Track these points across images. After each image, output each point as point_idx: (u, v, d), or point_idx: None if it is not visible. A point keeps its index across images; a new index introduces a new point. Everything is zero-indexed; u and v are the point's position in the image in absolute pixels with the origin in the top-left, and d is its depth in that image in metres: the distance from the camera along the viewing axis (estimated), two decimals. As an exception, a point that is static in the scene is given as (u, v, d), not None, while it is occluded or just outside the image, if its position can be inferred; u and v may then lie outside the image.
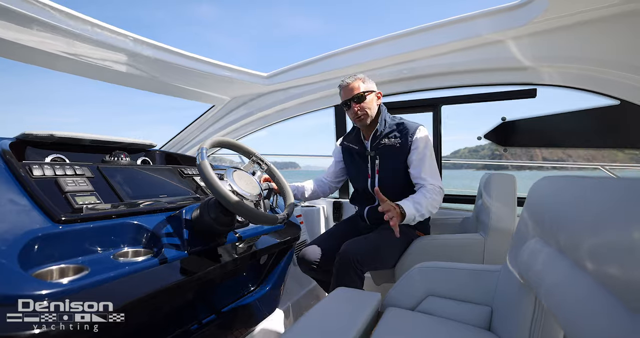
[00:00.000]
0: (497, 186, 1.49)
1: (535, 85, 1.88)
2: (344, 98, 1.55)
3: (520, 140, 1.92)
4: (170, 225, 1.02)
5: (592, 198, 0.55)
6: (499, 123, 1.97)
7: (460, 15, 1.81)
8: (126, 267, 0.80)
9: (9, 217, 0.73)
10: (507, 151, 1.99)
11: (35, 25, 1.50)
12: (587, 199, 0.56)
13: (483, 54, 1.89)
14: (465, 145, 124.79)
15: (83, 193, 0.96)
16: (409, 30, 1.99)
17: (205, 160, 0.92)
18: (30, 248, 0.71)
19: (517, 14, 1.67)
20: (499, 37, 1.76)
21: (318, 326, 0.79)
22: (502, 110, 2.10)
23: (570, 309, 0.50)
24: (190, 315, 1.14)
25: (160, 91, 2.50)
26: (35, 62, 1.85)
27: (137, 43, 1.83)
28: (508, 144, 1.95)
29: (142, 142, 1.45)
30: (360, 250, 1.37)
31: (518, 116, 1.93)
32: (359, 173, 1.67)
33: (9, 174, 0.85)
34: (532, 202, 0.79)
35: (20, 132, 1.10)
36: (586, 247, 0.52)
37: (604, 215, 0.50)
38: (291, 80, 2.45)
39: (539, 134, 1.86)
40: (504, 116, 1.96)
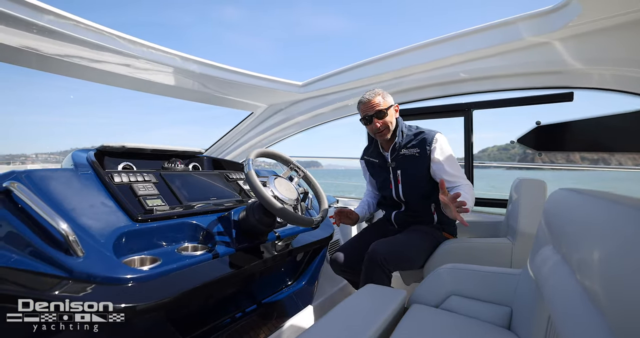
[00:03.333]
0: (526, 191, 1.51)
1: (572, 89, 1.86)
2: (364, 113, 1.62)
3: (556, 144, 1.90)
4: (221, 224, 1.18)
5: (598, 218, 0.59)
6: (533, 127, 1.96)
7: (495, 21, 1.84)
8: (187, 260, 0.96)
9: (103, 217, 0.92)
10: (542, 155, 1.98)
11: (107, 52, 1.76)
12: (593, 217, 0.61)
13: (517, 58, 1.90)
14: (495, 143, 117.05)
15: (151, 196, 1.15)
16: (442, 37, 2.04)
17: (252, 170, 1.07)
18: (119, 242, 0.89)
19: (552, 18, 1.67)
20: (536, 40, 1.76)
21: (344, 319, 0.89)
22: (531, 110, 2.07)
23: (561, 318, 0.55)
24: (235, 304, 1.30)
25: (204, 101, 2.73)
26: (103, 81, 2.15)
27: (184, 60, 2.05)
28: (543, 148, 1.94)
29: (192, 150, 1.64)
30: (388, 250, 1.45)
31: (553, 120, 1.91)
32: (383, 183, 1.75)
33: (98, 181, 1.05)
34: (548, 210, 0.85)
35: (99, 144, 1.33)
36: (584, 263, 0.57)
37: (606, 237, 0.53)
38: (325, 88, 2.58)
39: (577, 138, 1.84)
40: (538, 120, 1.95)
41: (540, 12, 1.70)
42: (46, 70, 1.94)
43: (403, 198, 1.66)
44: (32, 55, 1.68)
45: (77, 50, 1.74)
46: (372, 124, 1.61)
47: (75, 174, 1.01)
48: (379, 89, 1.64)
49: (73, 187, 0.95)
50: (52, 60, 1.77)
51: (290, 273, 1.61)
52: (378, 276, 1.42)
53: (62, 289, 0.72)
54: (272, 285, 1.50)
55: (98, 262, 0.78)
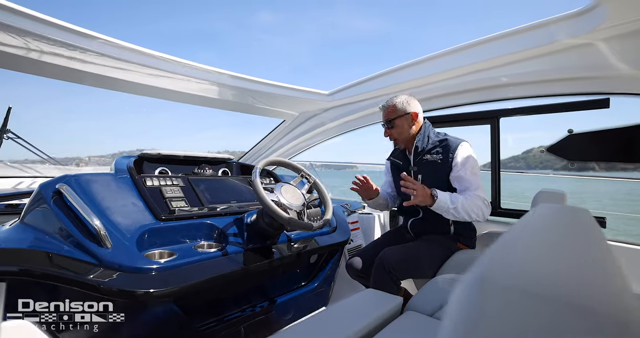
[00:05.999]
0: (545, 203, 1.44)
1: (608, 94, 1.73)
2: (383, 120, 1.70)
3: (588, 154, 1.77)
4: (235, 226, 1.31)
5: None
6: (565, 135, 1.85)
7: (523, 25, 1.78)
8: (200, 255, 1.10)
9: (132, 215, 1.09)
10: (574, 166, 1.85)
11: (152, 70, 2.02)
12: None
13: (550, 62, 1.81)
14: (540, 144, 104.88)
15: (177, 198, 1.31)
16: (470, 42, 2.01)
17: (257, 178, 1.18)
18: (143, 237, 1.05)
19: (582, 21, 1.59)
20: (572, 43, 1.67)
21: (332, 318, 0.96)
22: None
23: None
24: (247, 299, 1.41)
25: (240, 110, 2.95)
26: (153, 95, 2.44)
27: (221, 75, 2.26)
28: (575, 158, 1.82)
29: (222, 157, 1.82)
30: (397, 258, 1.48)
31: (586, 128, 1.78)
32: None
33: (132, 184, 1.24)
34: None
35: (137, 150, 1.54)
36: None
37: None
38: (352, 96, 2.65)
39: (613, 147, 1.70)
40: (570, 128, 1.83)
41: (572, 13, 1.61)
42: (101, 87, 2.27)
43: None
44: (89, 75, 1.99)
45: (131, 73, 2.03)
46: (385, 131, 1.68)
47: (114, 178, 1.21)
48: (404, 95, 1.69)
49: (111, 189, 1.14)
50: (106, 79, 2.07)
51: (304, 275, 1.70)
52: (386, 283, 1.46)
53: (94, 274, 0.89)
54: (285, 285, 1.61)
55: (122, 253, 0.94)
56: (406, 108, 1.65)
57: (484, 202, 1.50)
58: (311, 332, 0.87)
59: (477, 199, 1.48)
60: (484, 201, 1.50)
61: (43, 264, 0.90)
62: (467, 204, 1.45)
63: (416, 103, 1.69)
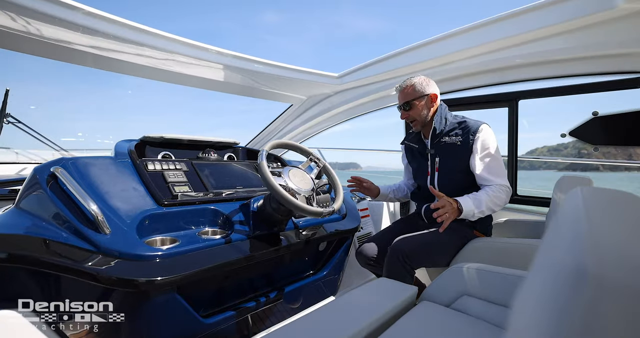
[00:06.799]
0: (569, 189, 1.35)
1: (637, 74, 1.60)
2: (399, 102, 1.61)
3: (615, 138, 1.66)
4: (242, 212, 1.25)
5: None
6: (589, 118, 1.73)
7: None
8: (204, 242, 1.04)
9: (132, 200, 1.04)
10: (597, 150, 1.74)
11: (173, 54, 1.98)
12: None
13: (571, 41, 1.68)
14: (545, 144, 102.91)
15: (180, 183, 1.26)
16: (486, 20, 1.88)
17: (264, 161, 1.11)
18: (143, 223, 1.00)
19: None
20: (591, 20, 1.55)
21: (345, 308, 0.91)
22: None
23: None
24: (253, 287, 1.37)
25: (248, 94, 2.86)
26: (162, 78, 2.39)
27: (227, 56, 2.17)
28: (599, 143, 1.70)
29: (228, 141, 1.75)
30: (411, 246, 1.42)
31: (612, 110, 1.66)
32: (419, 171, 1.70)
33: (133, 168, 1.18)
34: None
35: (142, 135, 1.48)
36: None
37: None
38: (362, 79, 2.54)
39: None
40: (595, 110, 1.71)
41: None
42: (125, 73, 2.26)
43: (437, 189, 1.60)
44: (90, 56, 1.94)
45: (146, 57, 1.98)
46: (401, 114, 1.60)
47: (114, 162, 1.15)
48: (420, 76, 1.59)
49: (109, 173, 1.08)
50: (130, 65, 2.08)
51: (312, 263, 1.65)
52: (400, 272, 1.41)
53: (91, 261, 0.84)
54: (292, 273, 1.56)
55: (121, 240, 0.89)
56: (425, 89, 1.56)
57: (506, 192, 1.44)
58: (322, 322, 0.82)
59: (500, 192, 1.42)
60: (507, 191, 1.44)
61: (38, 251, 0.86)
62: (490, 202, 1.39)
63: (434, 84, 1.60)
